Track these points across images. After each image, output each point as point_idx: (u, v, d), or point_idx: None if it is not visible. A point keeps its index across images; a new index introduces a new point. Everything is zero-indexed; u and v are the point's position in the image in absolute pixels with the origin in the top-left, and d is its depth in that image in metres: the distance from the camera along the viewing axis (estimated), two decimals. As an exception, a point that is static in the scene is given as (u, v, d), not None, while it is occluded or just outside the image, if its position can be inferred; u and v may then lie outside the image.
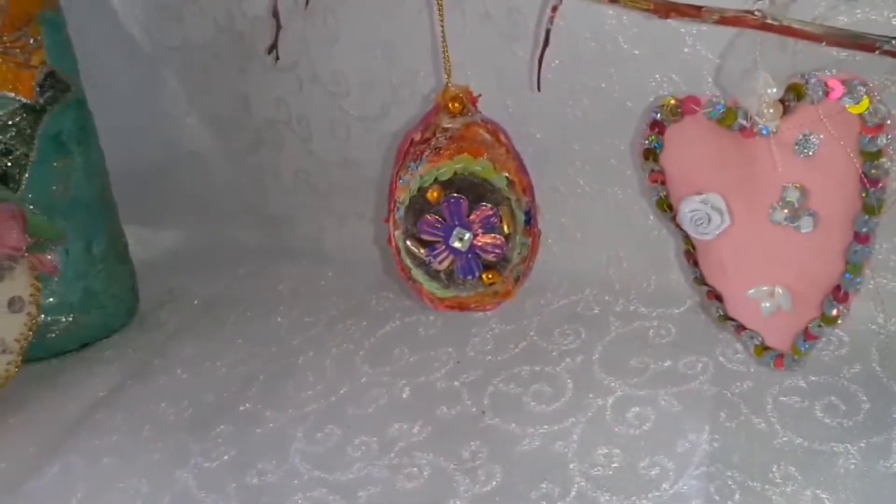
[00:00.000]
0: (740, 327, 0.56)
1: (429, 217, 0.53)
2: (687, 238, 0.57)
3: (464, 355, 0.73)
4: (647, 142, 0.55)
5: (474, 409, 0.66)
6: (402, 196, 0.54)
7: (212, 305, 0.91)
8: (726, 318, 0.57)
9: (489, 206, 0.54)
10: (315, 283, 0.93)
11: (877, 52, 0.44)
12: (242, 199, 1.01)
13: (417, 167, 0.53)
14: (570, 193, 0.78)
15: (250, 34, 0.88)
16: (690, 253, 0.57)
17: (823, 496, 0.52)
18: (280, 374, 0.76)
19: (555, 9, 0.58)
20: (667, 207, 0.57)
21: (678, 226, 0.57)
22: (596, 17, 0.67)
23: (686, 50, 0.64)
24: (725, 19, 0.45)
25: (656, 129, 0.55)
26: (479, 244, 0.54)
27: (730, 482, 0.54)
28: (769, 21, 0.44)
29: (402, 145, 0.55)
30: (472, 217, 0.54)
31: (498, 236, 0.55)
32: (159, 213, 1.07)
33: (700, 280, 0.57)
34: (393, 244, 0.55)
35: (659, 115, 0.54)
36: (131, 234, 0.93)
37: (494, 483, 0.58)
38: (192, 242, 1.05)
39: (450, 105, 0.54)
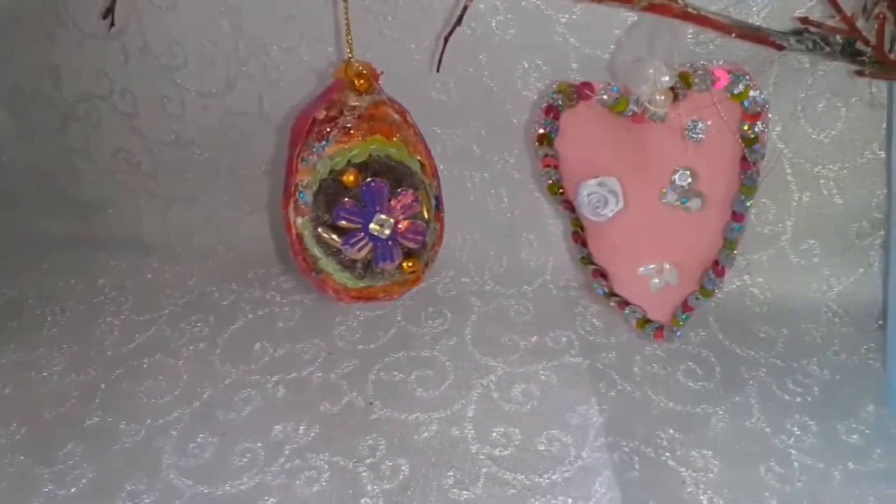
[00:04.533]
0: (624, 303, 0.57)
1: (347, 202, 0.47)
2: (576, 220, 0.57)
3: (333, 346, 0.68)
4: (541, 127, 0.54)
5: (361, 402, 0.61)
6: (307, 179, 0.47)
7: (20, 306, 0.77)
8: (611, 294, 0.57)
9: (411, 190, 0.49)
10: (140, 277, 0.82)
11: (785, 49, 0.46)
12: (47, 184, 0.86)
13: (324, 148, 0.47)
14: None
15: (62, -5, 0.74)
16: (579, 234, 0.57)
17: (708, 454, 0.54)
18: (125, 379, 0.66)
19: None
20: (557, 191, 0.56)
21: (567, 208, 0.56)
22: (471, -1, 0.64)
23: (557, 39, 0.64)
24: (653, 6, 0.44)
25: (551, 114, 0.53)
26: (401, 231, 0.49)
27: (626, 450, 0.55)
28: (689, 10, 0.45)
29: (301, 124, 0.48)
30: (393, 202, 0.48)
31: (419, 222, 0.50)
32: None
33: (587, 260, 0.57)
34: (294, 232, 0.48)
35: (558, 100, 0.53)
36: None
37: (402, 476, 0.54)
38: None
39: (356, 81, 0.48)
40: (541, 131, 0.54)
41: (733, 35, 0.46)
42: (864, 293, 0.67)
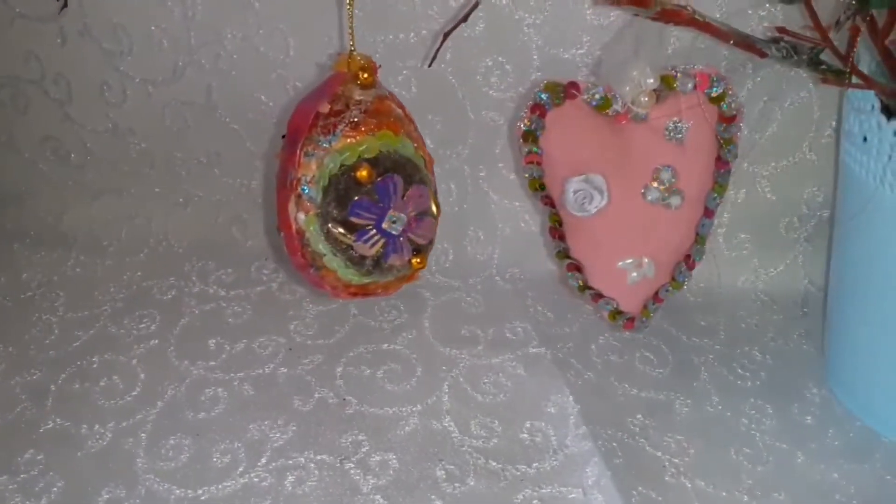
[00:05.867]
0: (598, 296, 0.59)
1: (360, 198, 0.46)
2: (554, 215, 0.58)
3: (291, 341, 0.67)
4: (527, 124, 0.55)
5: (333, 397, 0.60)
6: (313, 173, 0.46)
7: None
8: (585, 287, 0.59)
9: (423, 186, 0.49)
10: (68, 271, 0.77)
11: (767, 56, 0.50)
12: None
13: (330, 142, 0.46)
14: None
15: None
16: (556, 229, 0.59)
17: (680, 438, 0.57)
18: (76, 381, 0.62)
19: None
20: (538, 187, 0.57)
21: (548, 203, 0.58)
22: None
23: (522, 38, 0.65)
24: (665, 12, 0.47)
25: (537, 112, 0.55)
26: (413, 227, 0.49)
27: (606, 438, 0.57)
28: (697, 17, 0.47)
29: (302, 117, 0.47)
30: (405, 198, 0.48)
31: (428, 218, 0.50)
32: None
33: (564, 254, 0.59)
34: (293, 228, 0.47)
35: (546, 99, 0.54)
36: None
37: (392, 472, 0.54)
38: None
39: (360, 75, 0.47)
40: (525, 129, 0.55)
41: (731, 42, 0.49)
42: (788, 283, 0.73)
